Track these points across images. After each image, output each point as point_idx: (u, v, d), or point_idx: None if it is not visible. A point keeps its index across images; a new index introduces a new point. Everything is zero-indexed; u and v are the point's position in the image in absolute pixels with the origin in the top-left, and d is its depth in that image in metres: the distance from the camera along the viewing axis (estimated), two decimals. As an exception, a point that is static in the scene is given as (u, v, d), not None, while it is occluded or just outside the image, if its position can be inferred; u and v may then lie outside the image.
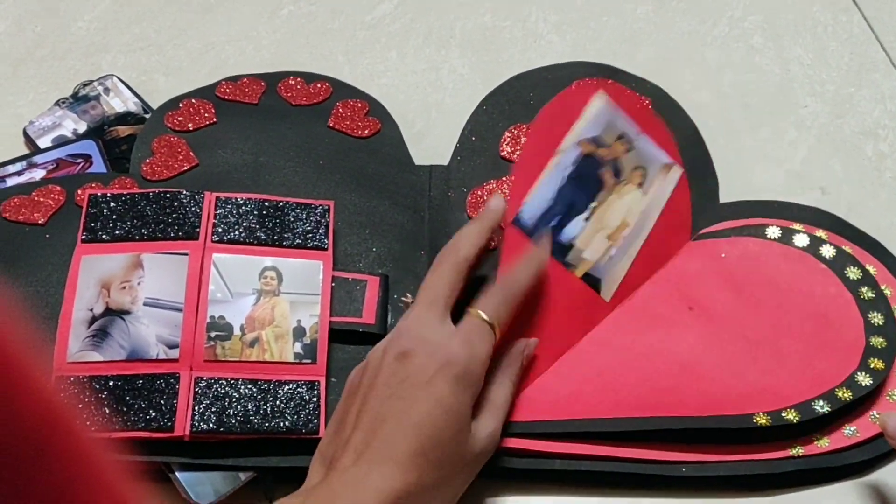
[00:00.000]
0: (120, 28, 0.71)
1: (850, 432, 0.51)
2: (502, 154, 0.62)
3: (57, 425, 0.20)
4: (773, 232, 0.58)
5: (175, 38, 0.71)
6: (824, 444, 0.51)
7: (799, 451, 0.51)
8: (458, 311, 0.49)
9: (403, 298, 0.55)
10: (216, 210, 0.54)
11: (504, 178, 0.61)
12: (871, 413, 0.52)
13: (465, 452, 0.45)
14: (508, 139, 0.63)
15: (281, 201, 0.56)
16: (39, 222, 0.57)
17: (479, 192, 0.60)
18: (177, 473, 0.49)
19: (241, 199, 0.55)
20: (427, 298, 0.48)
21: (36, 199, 0.57)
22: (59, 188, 0.58)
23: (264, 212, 0.55)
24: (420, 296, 0.49)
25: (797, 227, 0.59)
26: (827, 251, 0.57)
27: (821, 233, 0.59)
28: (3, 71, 0.68)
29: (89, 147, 0.61)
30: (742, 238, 0.58)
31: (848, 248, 0.58)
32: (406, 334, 0.47)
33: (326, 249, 0.55)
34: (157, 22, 0.72)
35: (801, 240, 0.58)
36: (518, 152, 0.62)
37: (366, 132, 0.63)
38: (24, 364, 0.19)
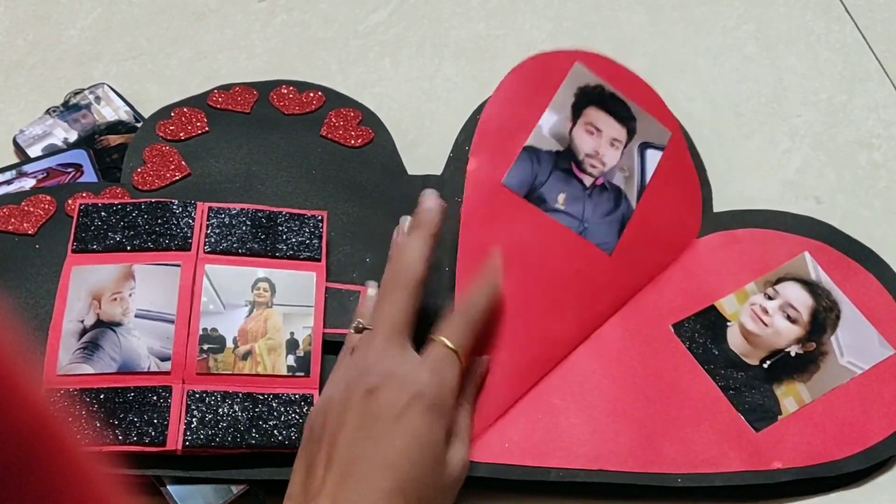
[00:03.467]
0: (112, 37, 0.71)
1: None
2: (496, 164, 0.62)
3: (46, 436, 0.20)
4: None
5: (167, 46, 0.71)
6: None
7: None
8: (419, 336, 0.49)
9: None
10: (209, 220, 0.54)
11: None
12: None
13: (441, 483, 0.44)
14: (502, 149, 0.63)
15: (274, 212, 0.55)
16: (29, 232, 0.56)
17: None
18: (168, 487, 0.48)
19: (234, 209, 0.55)
20: (386, 329, 0.47)
21: (25, 208, 0.57)
22: (49, 198, 0.58)
23: (257, 222, 0.55)
24: (377, 325, 0.47)
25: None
26: None
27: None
28: (-6, 79, 0.68)
29: (80, 157, 0.61)
30: None
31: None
32: (370, 369, 0.45)
33: (320, 261, 0.54)
34: (149, 31, 0.72)
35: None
36: None
37: (359, 141, 0.63)
38: (13, 374, 0.19)
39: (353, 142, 0.63)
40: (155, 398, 0.49)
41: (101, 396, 0.49)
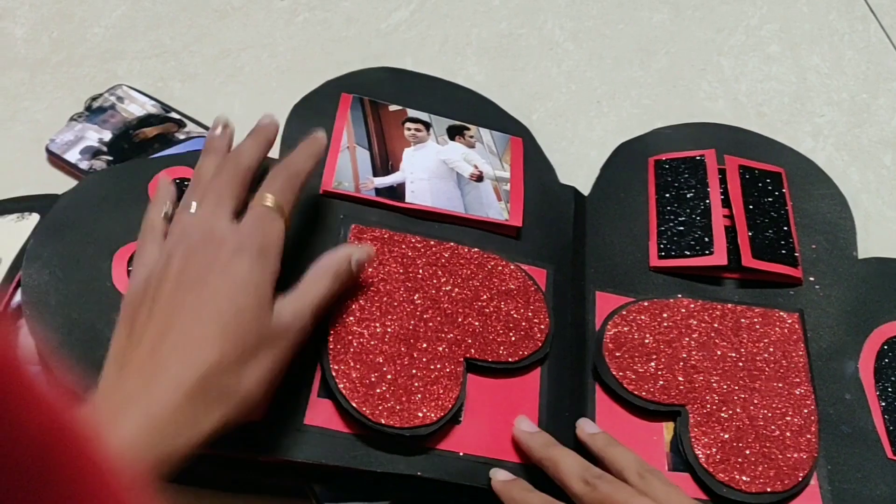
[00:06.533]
0: (136, 35, 0.71)
1: None
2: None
3: (63, 441, 0.20)
4: None
5: (191, 44, 0.71)
6: None
7: None
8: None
9: None
10: None
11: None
12: None
13: (268, 332, 0.43)
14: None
15: None
16: None
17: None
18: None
19: None
20: (212, 200, 0.46)
21: None
22: None
23: None
24: (205, 199, 0.46)
25: None
26: None
27: None
28: (21, 77, 0.68)
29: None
30: None
31: None
32: (193, 230, 0.45)
33: None
34: (172, 29, 0.72)
35: None
36: None
37: (383, 141, 0.63)
38: (30, 378, 0.19)
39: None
40: None
41: None
